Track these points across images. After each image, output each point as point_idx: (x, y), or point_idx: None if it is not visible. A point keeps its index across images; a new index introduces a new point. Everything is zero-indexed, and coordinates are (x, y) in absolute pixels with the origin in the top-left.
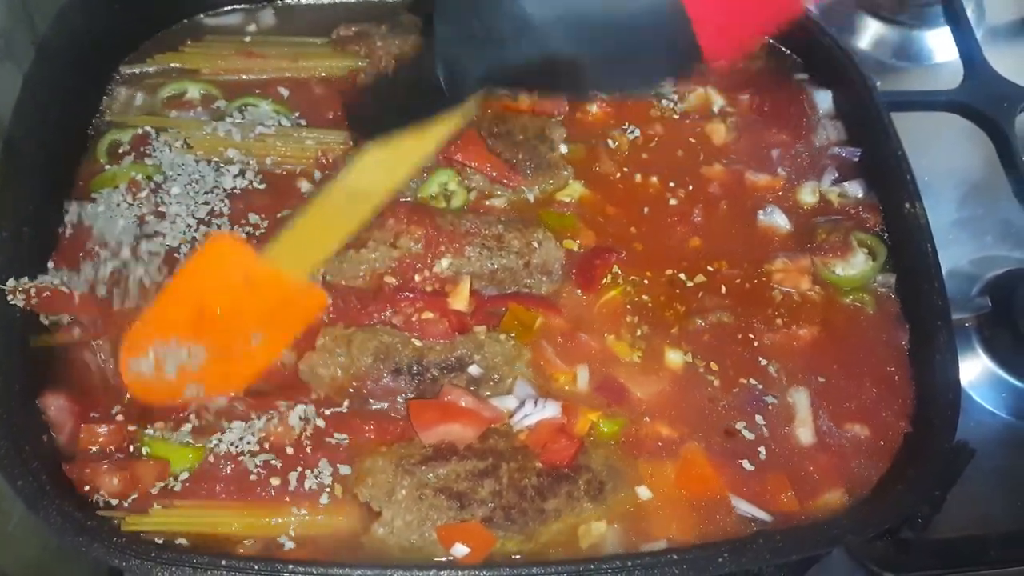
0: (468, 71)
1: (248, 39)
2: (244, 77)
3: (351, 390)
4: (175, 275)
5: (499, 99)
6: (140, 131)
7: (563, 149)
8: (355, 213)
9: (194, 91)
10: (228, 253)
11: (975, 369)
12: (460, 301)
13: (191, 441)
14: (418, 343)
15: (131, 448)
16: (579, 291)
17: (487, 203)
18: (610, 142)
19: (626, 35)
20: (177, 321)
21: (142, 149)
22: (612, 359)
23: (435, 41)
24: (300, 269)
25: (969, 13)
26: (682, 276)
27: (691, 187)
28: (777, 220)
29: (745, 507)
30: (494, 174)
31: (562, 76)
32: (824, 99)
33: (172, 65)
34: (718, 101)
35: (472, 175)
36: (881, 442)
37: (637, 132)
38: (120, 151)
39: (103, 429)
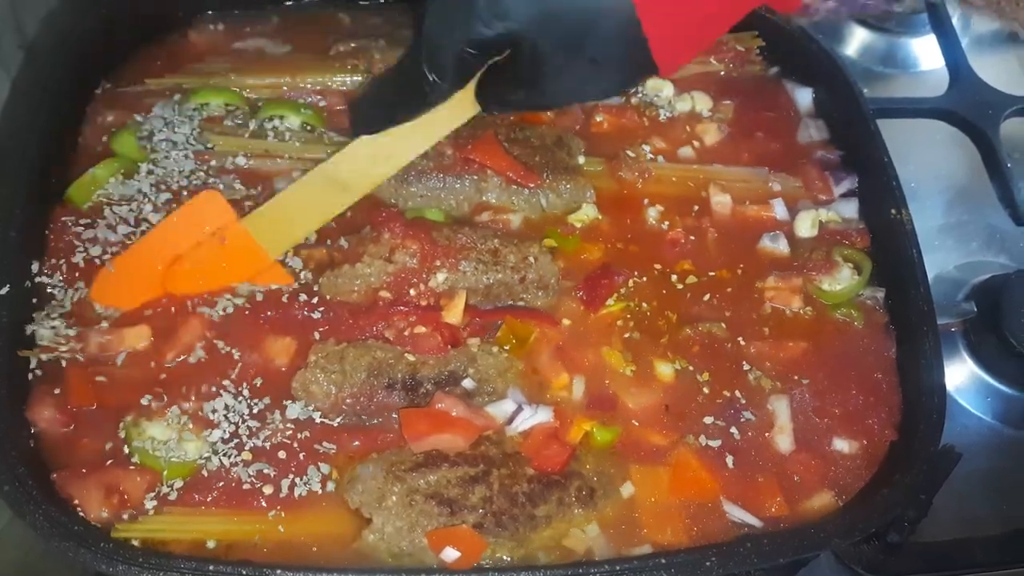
0: (448, 65)
1: (244, 51)
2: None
3: (345, 407)
4: (165, 219)
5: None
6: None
7: (580, 160)
8: (332, 202)
9: (217, 103)
10: (213, 210)
11: (961, 374)
12: (454, 315)
13: (183, 457)
14: (411, 358)
15: (124, 449)
16: (582, 308)
17: (503, 218)
18: (629, 152)
19: (590, 35)
20: (154, 259)
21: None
22: (606, 371)
23: (420, 34)
24: (273, 245)
25: (955, 21)
26: (673, 277)
27: (695, 205)
28: (780, 245)
29: (737, 513)
30: (510, 174)
31: (530, 78)
32: (804, 97)
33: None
34: (706, 106)
35: (490, 178)
36: (865, 442)
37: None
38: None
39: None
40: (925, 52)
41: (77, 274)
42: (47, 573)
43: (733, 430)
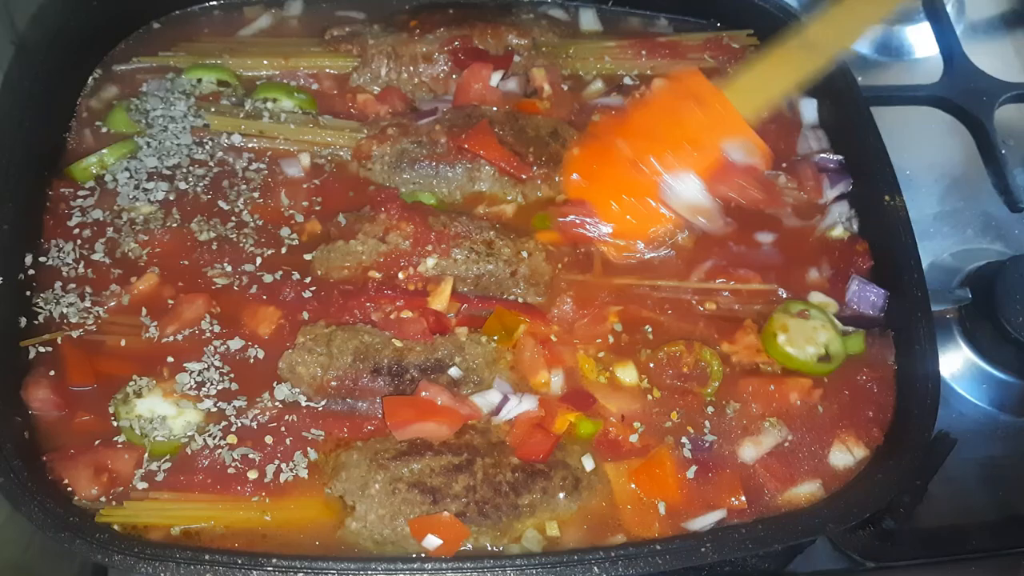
0: None
1: (238, 37)
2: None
3: (330, 389)
4: (637, 104)
5: (517, 100)
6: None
7: (575, 152)
8: (805, 63)
9: (209, 79)
10: (694, 86)
11: (957, 361)
12: (440, 301)
13: (168, 436)
14: (399, 343)
15: (114, 427)
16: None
17: (496, 209)
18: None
19: None
20: (635, 143)
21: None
22: (582, 373)
23: None
24: (750, 109)
25: (949, 8)
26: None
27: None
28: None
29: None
30: (503, 164)
31: None
32: (809, 108)
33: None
34: None
35: (483, 167)
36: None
37: None
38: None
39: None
40: (919, 40)
41: (80, 242)
42: (45, 570)
43: (707, 437)
